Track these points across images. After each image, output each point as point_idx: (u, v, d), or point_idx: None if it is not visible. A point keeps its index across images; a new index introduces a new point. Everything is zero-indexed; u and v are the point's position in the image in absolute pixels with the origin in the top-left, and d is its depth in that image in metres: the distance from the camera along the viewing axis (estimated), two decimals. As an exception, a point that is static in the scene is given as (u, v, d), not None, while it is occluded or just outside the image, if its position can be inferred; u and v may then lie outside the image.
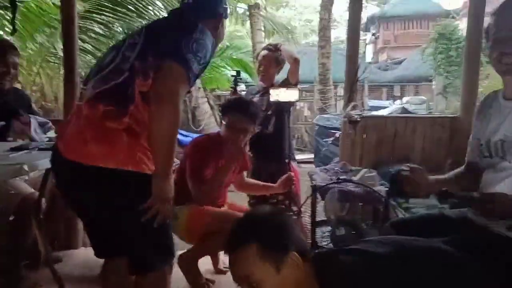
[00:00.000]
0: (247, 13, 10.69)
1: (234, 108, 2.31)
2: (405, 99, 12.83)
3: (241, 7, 10.72)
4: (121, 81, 1.37)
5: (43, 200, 2.19)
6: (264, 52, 2.93)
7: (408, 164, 1.50)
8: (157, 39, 1.42)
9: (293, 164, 2.93)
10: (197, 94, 9.87)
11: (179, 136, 5.08)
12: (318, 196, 2.28)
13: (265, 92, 2.90)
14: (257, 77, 3.02)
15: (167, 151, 1.36)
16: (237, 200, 2.70)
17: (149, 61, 1.37)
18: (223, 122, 2.31)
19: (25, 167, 1.54)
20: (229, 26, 14.09)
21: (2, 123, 2.13)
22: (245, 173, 2.61)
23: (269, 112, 2.88)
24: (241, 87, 14.60)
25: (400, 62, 18.11)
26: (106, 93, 1.37)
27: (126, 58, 1.41)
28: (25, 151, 1.85)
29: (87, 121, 1.36)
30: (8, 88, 2.43)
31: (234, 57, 11.04)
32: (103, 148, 1.33)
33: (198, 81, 10.08)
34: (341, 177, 2.36)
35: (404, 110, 7.58)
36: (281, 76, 2.99)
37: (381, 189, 2.20)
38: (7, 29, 4.42)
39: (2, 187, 2.10)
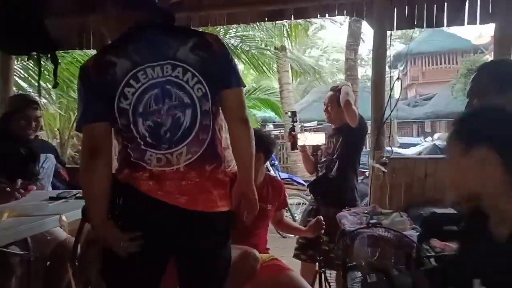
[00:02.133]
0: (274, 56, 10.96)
1: None
2: (436, 135, 12.62)
3: (267, 51, 11.01)
4: (211, 136, 1.47)
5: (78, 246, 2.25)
6: (329, 93, 2.95)
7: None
8: (215, 76, 1.46)
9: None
10: (226, 135, 10.03)
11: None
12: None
13: (333, 134, 2.90)
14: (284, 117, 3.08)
15: (252, 160, 1.57)
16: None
17: (217, 100, 1.48)
18: None
19: (63, 218, 1.61)
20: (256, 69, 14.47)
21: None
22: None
23: (334, 156, 2.83)
24: (270, 127, 14.67)
25: (429, 98, 17.97)
26: (206, 155, 1.46)
27: (205, 112, 1.45)
28: (63, 200, 1.94)
29: (200, 177, 1.45)
30: (32, 138, 2.59)
31: (262, 97, 11.27)
32: (222, 196, 1.49)
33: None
34: (371, 222, 2.32)
35: (436, 147, 7.43)
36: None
37: (413, 233, 2.15)
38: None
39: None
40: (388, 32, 2.89)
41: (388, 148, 2.89)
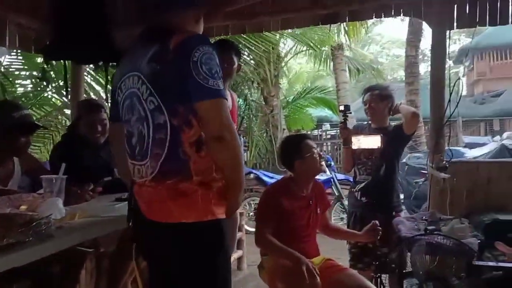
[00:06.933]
0: (330, 54, 10.84)
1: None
2: (505, 134, 11.82)
3: (324, 49, 10.90)
4: (168, 151, 1.35)
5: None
6: (370, 91, 2.83)
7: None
8: (171, 88, 1.33)
9: (402, 215, 2.77)
10: (281, 135, 10.06)
11: (264, 178, 5.18)
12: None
13: (375, 133, 2.73)
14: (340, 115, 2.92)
15: (243, 177, 1.41)
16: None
17: (181, 112, 1.34)
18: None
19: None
20: (312, 68, 14.36)
21: (109, 178, 2.38)
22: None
23: (378, 158, 2.71)
24: (326, 126, 14.38)
25: (498, 95, 16.87)
26: (164, 171, 1.36)
27: (158, 125, 1.35)
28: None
29: (158, 189, 1.38)
30: (101, 143, 2.65)
31: (318, 95, 11.19)
32: (181, 206, 1.36)
33: (283, 122, 10.29)
34: (429, 228, 2.27)
35: (504, 148, 6.94)
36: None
37: (473, 241, 2.07)
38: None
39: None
40: (447, 32, 2.78)
41: (458, 148, 2.77)
